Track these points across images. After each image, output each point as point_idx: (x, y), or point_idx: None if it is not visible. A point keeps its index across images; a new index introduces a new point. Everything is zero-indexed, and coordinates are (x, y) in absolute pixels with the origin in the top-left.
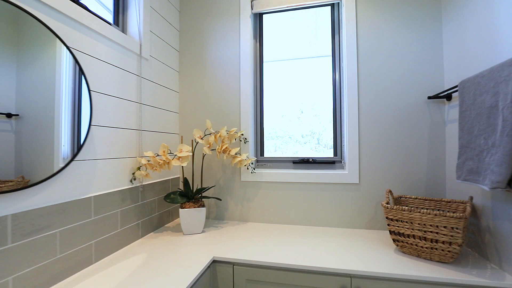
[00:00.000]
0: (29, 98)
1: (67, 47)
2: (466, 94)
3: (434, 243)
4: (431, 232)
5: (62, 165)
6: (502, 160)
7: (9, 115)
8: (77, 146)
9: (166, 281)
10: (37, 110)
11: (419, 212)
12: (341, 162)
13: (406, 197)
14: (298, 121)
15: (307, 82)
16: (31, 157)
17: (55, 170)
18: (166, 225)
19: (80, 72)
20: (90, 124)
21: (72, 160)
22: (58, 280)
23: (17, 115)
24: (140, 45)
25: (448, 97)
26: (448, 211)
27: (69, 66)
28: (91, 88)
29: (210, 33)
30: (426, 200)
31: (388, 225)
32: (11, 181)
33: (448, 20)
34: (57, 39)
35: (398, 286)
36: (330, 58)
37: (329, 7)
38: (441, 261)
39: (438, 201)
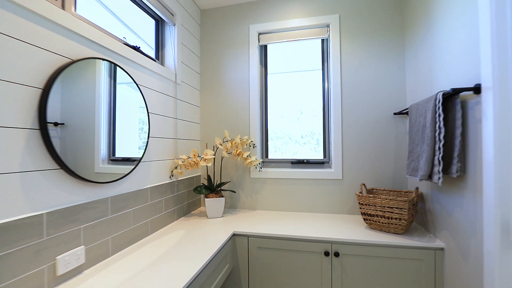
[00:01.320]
0: (73, 110)
1: (137, 84)
2: (412, 115)
3: (390, 220)
4: (388, 212)
5: (102, 165)
6: (425, 162)
7: (55, 124)
8: (113, 150)
9: (204, 244)
10: (79, 120)
11: (380, 198)
12: (329, 163)
13: (377, 189)
14: (298, 121)
15: (305, 88)
16: (75, 158)
17: (96, 170)
18: (192, 212)
19: (143, 99)
20: (148, 136)
21: (140, 161)
22: (132, 243)
23: (63, 123)
24: (175, 74)
25: (408, 114)
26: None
27: (105, 86)
28: (149, 111)
29: (224, 58)
30: (391, 191)
31: (360, 208)
32: None
33: (409, 57)
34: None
35: (364, 248)
36: (321, 73)
37: (320, 40)
38: (395, 233)
39: (399, 191)
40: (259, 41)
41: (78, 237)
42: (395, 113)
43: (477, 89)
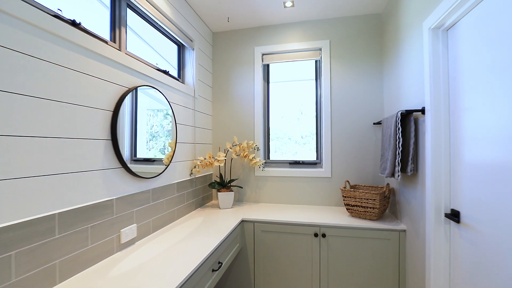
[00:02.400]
0: (119, 123)
1: (168, 102)
2: (383, 126)
3: (366, 209)
4: (364, 202)
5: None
6: (390, 163)
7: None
8: (135, 153)
9: (220, 227)
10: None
11: (358, 191)
12: (320, 163)
13: (359, 185)
14: (298, 122)
15: (304, 93)
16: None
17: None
18: (205, 204)
19: (172, 113)
20: (176, 142)
21: (170, 162)
22: (165, 225)
23: None
24: (194, 90)
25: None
26: None
27: (129, 105)
28: (176, 122)
29: (233, 74)
30: (370, 186)
31: (344, 200)
32: None
33: (385, 78)
34: (160, 94)
35: (345, 231)
36: (314, 86)
37: (314, 61)
38: (370, 219)
39: (376, 186)
40: (262, 61)
41: (132, 217)
42: (374, 123)
43: (423, 111)
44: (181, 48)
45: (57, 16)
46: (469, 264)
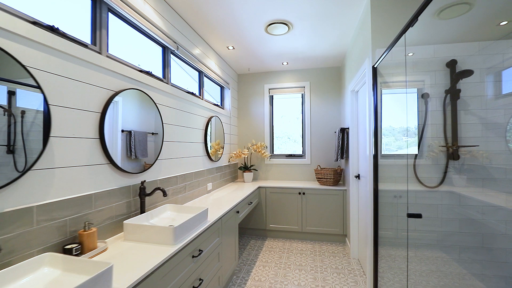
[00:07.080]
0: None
1: (221, 122)
2: (336, 134)
3: (327, 179)
4: (326, 176)
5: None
6: (336, 154)
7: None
8: (207, 153)
9: (247, 190)
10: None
11: (323, 170)
12: (304, 155)
13: (326, 168)
14: (297, 122)
15: (297, 105)
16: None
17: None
18: (235, 181)
19: (222, 127)
20: (224, 143)
21: (222, 154)
22: (219, 187)
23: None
24: (230, 112)
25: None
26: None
27: (209, 126)
28: (225, 132)
29: (250, 101)
30: (332, 168)
31: (316, 175)
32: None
33: (341, 106)
34: (214, 118)
35: (315, 190)
36: (300, 109)
37: (300, 94)
38: (329, 185)
39: (334, 168)
40: (269, 93)
41: (209, 179)
42: (335, 132)
43: (349, 128)
44: (222, 88)
45: (185, 91)
46: (362, 196)
